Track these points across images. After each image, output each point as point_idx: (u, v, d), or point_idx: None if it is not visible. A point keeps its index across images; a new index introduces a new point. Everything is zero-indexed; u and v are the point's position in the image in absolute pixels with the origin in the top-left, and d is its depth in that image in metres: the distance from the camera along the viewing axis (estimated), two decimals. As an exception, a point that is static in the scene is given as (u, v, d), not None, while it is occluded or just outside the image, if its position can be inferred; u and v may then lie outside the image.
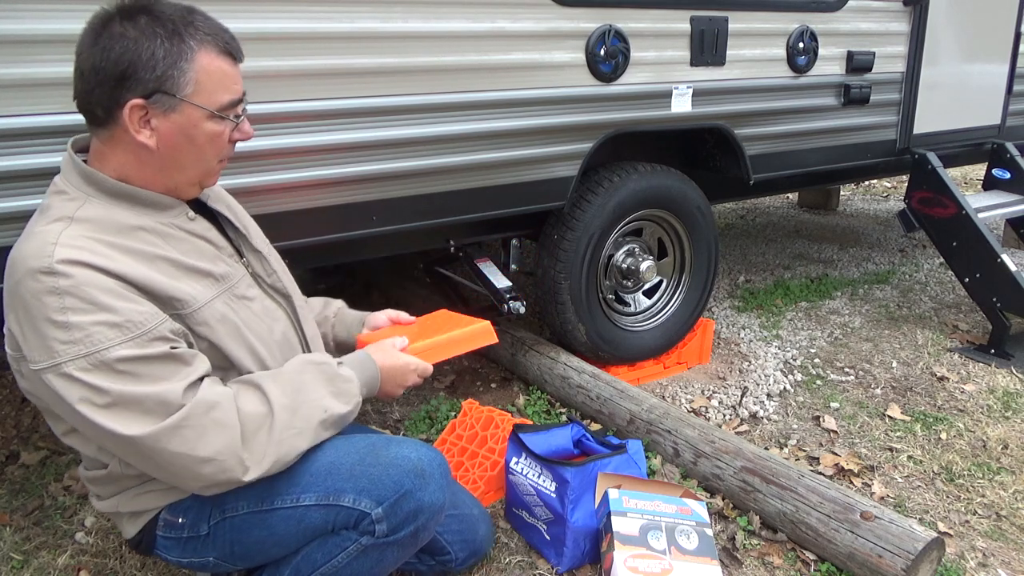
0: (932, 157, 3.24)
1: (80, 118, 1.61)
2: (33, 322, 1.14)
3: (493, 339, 1.61)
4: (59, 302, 1.12)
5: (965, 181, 6.52)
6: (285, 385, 1.30)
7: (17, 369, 1.22)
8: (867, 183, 6.57)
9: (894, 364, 2.99)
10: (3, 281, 1.22)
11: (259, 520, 1.34)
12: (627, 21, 2.38)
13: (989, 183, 3.64)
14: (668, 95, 2.53)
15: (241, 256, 1.44)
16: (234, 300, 1.35)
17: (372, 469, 1.33)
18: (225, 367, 1.33)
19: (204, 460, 1.20)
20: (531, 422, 2.49)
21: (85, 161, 1.28)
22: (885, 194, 6.33)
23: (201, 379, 1.24)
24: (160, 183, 1.29)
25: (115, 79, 1.19)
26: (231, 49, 1.28)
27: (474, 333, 1.59)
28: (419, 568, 1.69)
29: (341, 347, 1.69)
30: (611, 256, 2.75)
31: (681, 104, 2.57)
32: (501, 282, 2.55)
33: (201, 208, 1.42)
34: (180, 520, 1.37)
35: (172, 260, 1.27)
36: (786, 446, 2.41)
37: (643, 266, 2.75)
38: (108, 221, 1.22)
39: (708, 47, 2.58)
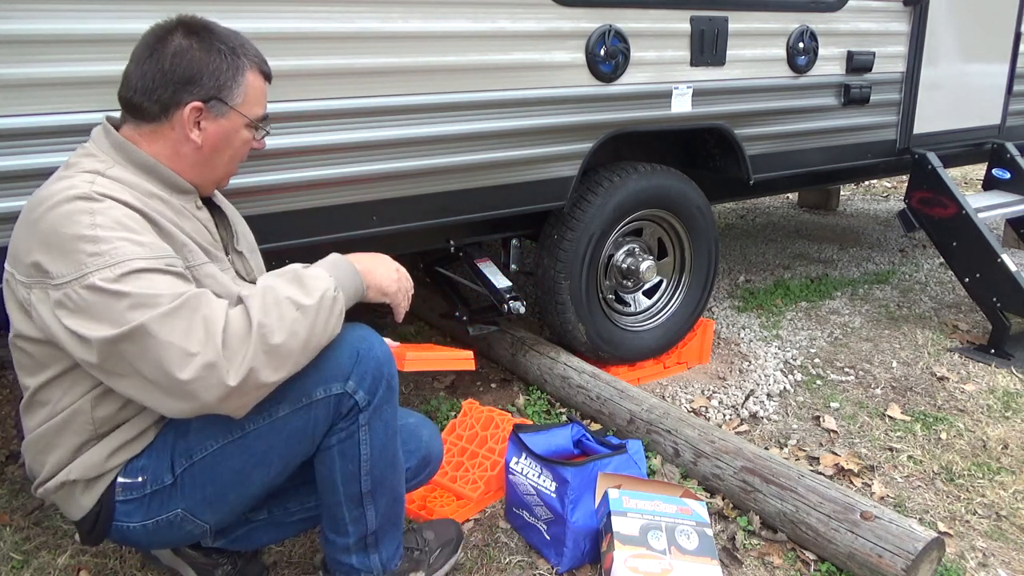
0: (932, 157, 3.24)
1: (76, 119, 1.63)
2: (62, 240, 1.22)
3: (471, 366, 1.69)
4: (91, 219, 1.22)
5: (965, 181, 6.51)
6: (264, 295, 1.29)
7: (26, 299, 1.26)
8: (867, 183, 6.57)
9: (894, 364, 2.99)
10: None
11: (234, 449, 1.38)
12: (627, 21, 2.38)
13: (989, 183, 3.64)
14: (668, 95, 2.53)
15: (226, 254, 1.53)
16: (227, 281, 1.44)
17: (322, 361, 1.37)
18: None
19: (191, 355, 1.20)
20: (531, 422, 2.49)
21: None
22: (885, 194, 6.33)
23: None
24: (189, 176, 1.42)
25: (181, 82, 1.35)
26: (268, 71, 1.48)
27: (456, 356, 1.68)
28: None
29: None
30: (611, 256, 2.76)
31: (681, 104, 2.57)
32: (501, 282, 2.55)
33: (205, 203, 1.50)
34: (140, 479, 1.39)
35: (183, 229, 1.37)
36: (786, 446, 2.41)
37: (643, 266, 2.75)
38: (133, 183, 1.33)
39: (708, 47, 2.58)
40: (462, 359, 1.67)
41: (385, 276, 1.48)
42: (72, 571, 1.86)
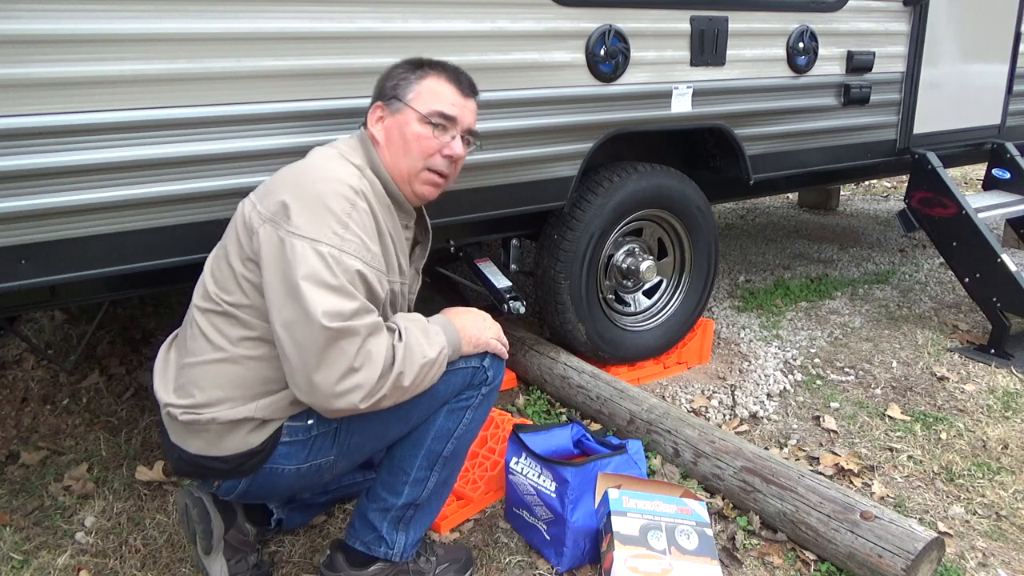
0: (932, 157, 3.24)
1: (75, 119, 1.66)
2: (318, 206, 1.45)
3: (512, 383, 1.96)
4: (351, 209, 1.47)
5: (965, 181, 6.51)
6: (406, 342, 1.50)
7: (253, 229, 1.46)
8: (867, 183, 6.57)
9: (894, 364, 2.99)
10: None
11: None
12: (627, 21, 2.38)
13: (989, 183, 3.64)
14: (668, 95, 2.53)
15: (410, 265, 1.75)
16: (397, 293, 1.66)
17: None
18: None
19: (353, 370, 1.39)
20: (531, 422, 2.49)
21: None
22: (885, 194, 6.33)
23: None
24: (392, 168, 1.63)
25: (375, 94, 1.68)
26: (458, 80, 1.69)
27: None
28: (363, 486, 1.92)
29: None
30: (611, 256, 2.75)
31: (681, 104, 2.57)
32: (501, 282, 2.55)
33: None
34: (309, 421, 1.53)
35: (395, 243, 1.62)
36: (786, 446, 2.41)
37: (643, 266, 2.75)
38: (377, 191, 1.59)
39: (708, 47, 2.58)
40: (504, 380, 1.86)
41: (477, 334, 1.66)
42: (72, 571, 1.86)
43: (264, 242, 1.44)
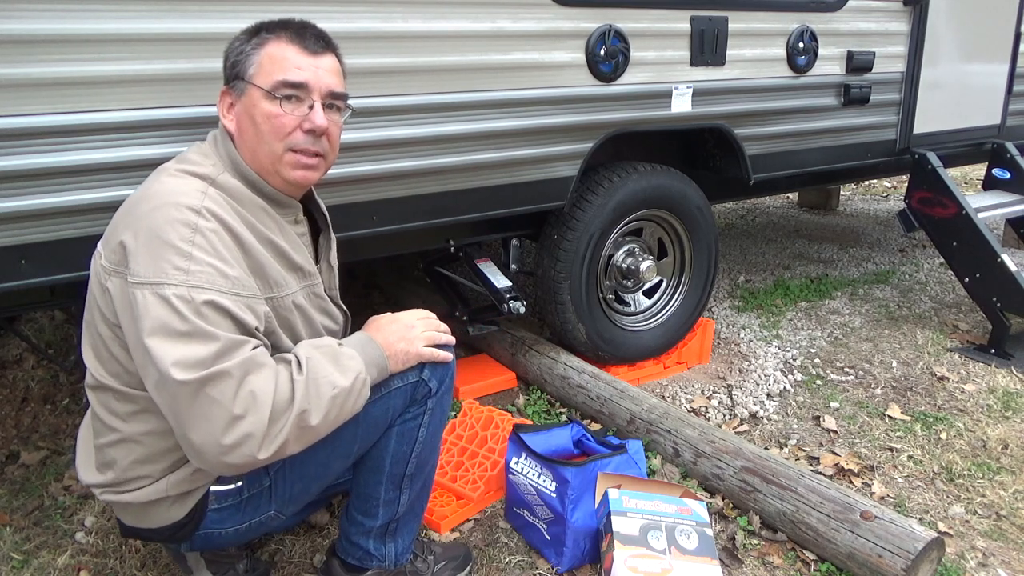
0: (932, 157, 3.24)
1: (74, 119, 1.65)
2: (155, 242, 1.24)
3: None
4: (191, 235, 1.25)
5: (965, 181, 6.51)
6: (308, 374, 1.31)
7: (103, 286, 1.30)
8: (867, 183, 6.57)
9: (894, 364, 2.99)
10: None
11: (320, 444, 1.37)
12: (627, 21, 2.38)
13: (989, 183, 3.64)
14: (668, 95, 2.53)
15: (317, 262, 1.59)
16: (312, 296, 1.50)
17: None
18: (285, 349, 1.41)
19: (236, 418, 1.21)
20: (531, 422, 2.49)
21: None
22: (885, 194, 6.33)
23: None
24: (253, 162, 1.41)
25: (224, 78, 1.45)
26: (302, 37, 1.42)
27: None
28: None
29: None
30: (611, 256, 2.75)
31: (681, 104, 2.57)
32: (501, 282, 2.55)
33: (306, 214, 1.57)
34: (238, 483, 1.42)
35: (278, 247, 1.41)
36: (786, 446, 2.41)
37: (643, 266, 2.75)
38: (240, 194, 1.38)
39: (708, 47, 2.58)
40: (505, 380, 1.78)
41: (405, 347, 1.47)
42: (72, 571, 1.86)
43: (116, 299, 1.27)
